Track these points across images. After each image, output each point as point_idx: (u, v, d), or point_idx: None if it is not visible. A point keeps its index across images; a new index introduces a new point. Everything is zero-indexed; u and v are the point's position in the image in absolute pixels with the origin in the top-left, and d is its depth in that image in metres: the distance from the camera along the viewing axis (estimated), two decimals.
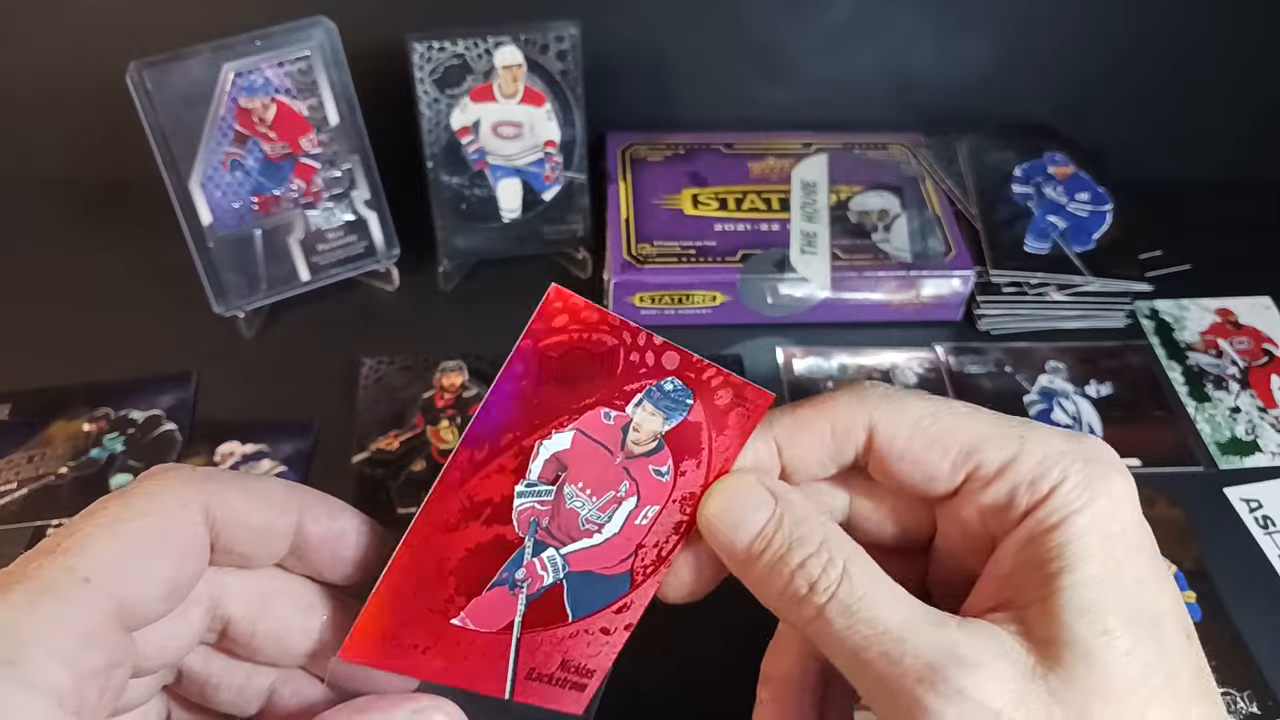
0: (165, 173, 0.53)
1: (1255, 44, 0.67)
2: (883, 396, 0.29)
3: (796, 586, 0.26)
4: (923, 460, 0.28)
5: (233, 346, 0.58)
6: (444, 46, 0.56)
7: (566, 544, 0.30)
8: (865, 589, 0.26)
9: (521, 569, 0.30)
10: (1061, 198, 0.64)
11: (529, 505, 0.29)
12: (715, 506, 0.29)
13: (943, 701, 0.24)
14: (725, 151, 0.66)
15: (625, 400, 0.29)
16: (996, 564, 0.27)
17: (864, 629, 0.25)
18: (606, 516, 0.30)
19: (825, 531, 0.27)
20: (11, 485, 0.50)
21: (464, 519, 0.29)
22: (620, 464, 0.30)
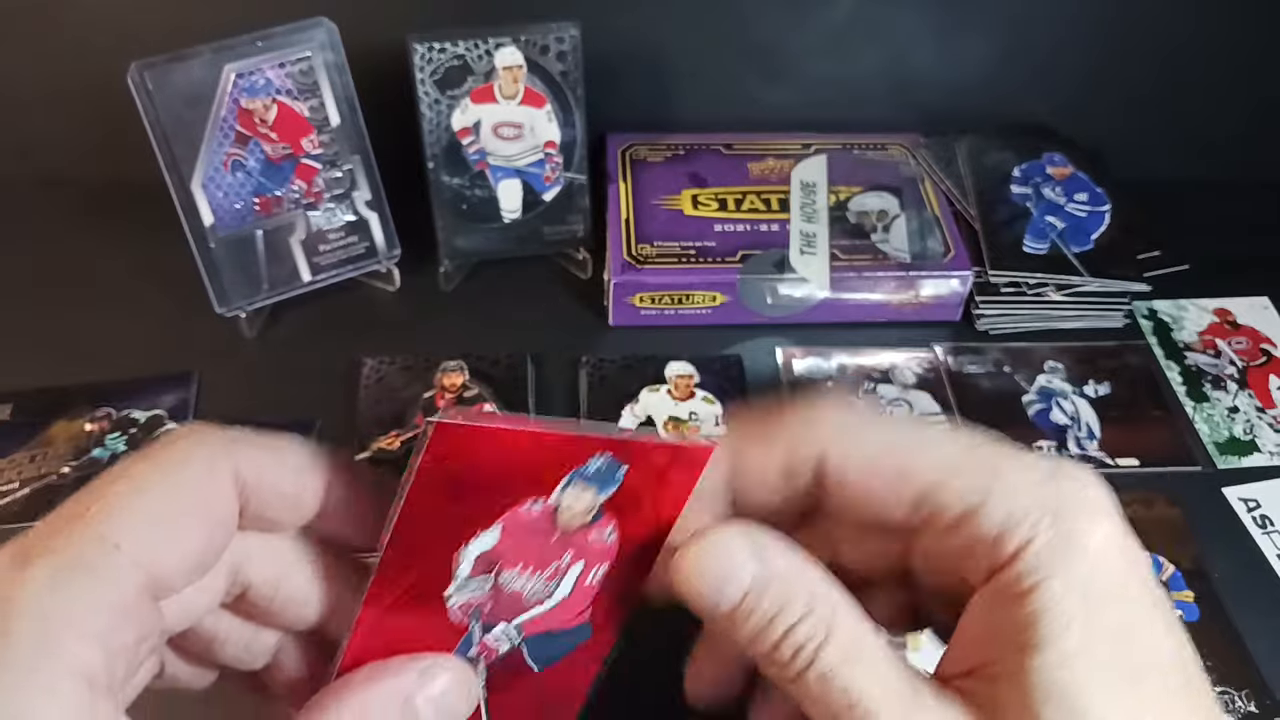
0: (167, 173, 0.53)
1: (1252, 45, 0.67)
2: (836, 425, 0.26)
3: (782, 653, 0.25)
4: (874, 497, 0.26)
5: (234, 346, 0.58)
6: (445, 47, 0.56)
7: (515, 617, 0.30)
8: (845, 655, 0.24)
9: (474, 648, 0.30)
10: (1060, 198, 0.64)
11: (465, 600, 0.29)
12: (692, 568, 0.26)
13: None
14: (725, 152, 0.66)
15: (549, 490, 0.28)
16: (968, 623, 0.25)
17: (840, 698, 0.24)
18: (554, 585, 0.30)
19: (812, 589, 0.25)
20: (13, 485, 0.51)
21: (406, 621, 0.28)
22: (559, 540, 0.29)
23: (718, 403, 0.54)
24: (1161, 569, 0.49)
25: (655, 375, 0.55)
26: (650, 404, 0.54)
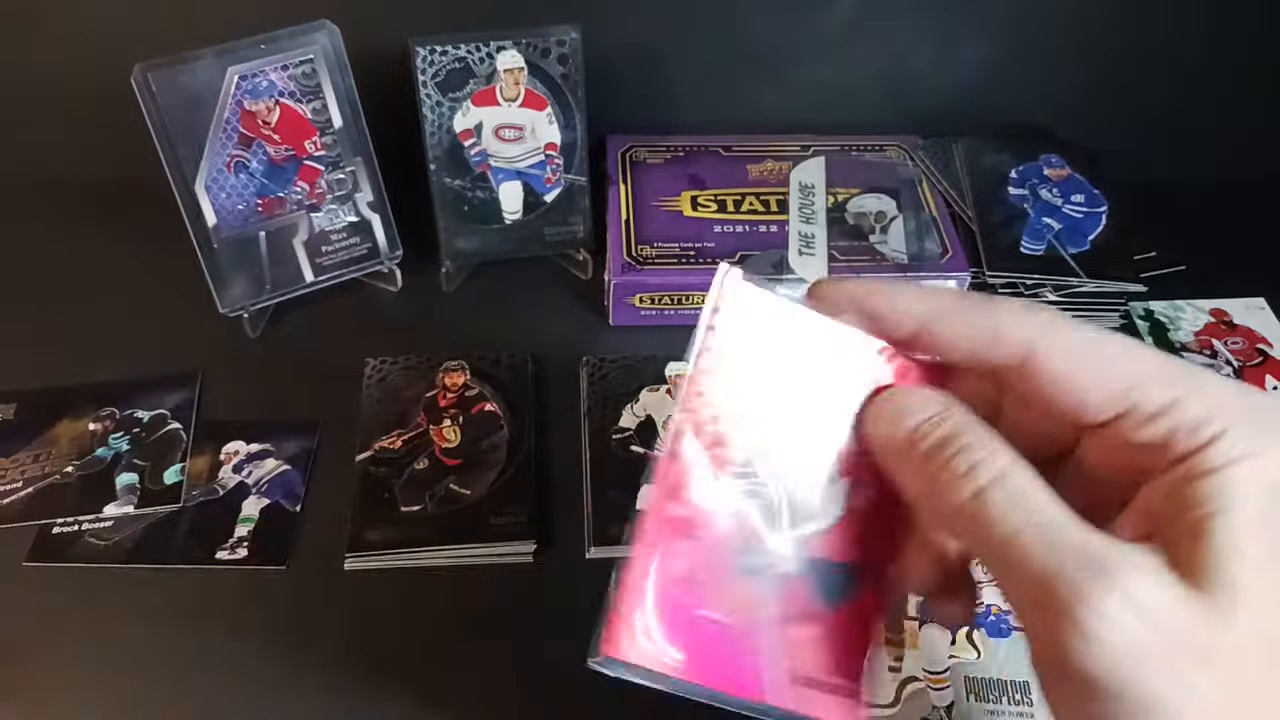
0: (170, 174, 0.54)
1: (1249, 47, 0.67)
2: (1052, 316, 0.29)
3: (956, 467, 0.27)
4: (1077, 388, 0.28)
5: (237, 347, 0.58)
6: (446, 50, 0.56)
7: (795, 528, 0.30)
8: (1030, 479, 0.26)
9: (757, 555, 0.30)
10: (1057, 199, 0.65)
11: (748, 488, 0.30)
12: (886, 400, 0.29)
13: (1102, 591, 0.24)
14: (724, 154, 0.66)
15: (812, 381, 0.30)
16: (1146, 498, 0.27)
17: (1024, 514, 0.25)
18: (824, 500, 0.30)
19: (991, 432, 0.27)
20: (17, 484, 0.51)
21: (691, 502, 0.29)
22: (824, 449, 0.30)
23: None
24: None
25: (655, 375, 0.56)
26: (650, 403, 0.54)
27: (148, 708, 0.43)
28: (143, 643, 0.45)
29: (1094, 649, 0.24)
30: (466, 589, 0.48)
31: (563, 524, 0.50)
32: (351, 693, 0.44)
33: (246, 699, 0.44)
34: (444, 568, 0.48)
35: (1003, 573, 0.26)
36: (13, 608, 0.47)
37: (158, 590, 0.47)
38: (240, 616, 0.46)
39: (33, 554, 0.49)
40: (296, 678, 0.44)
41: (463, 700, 0.44)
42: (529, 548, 0.49)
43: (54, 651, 0.45)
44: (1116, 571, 0.24)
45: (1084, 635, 0.24)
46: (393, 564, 0.48)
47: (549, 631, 0.46)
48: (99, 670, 0.44)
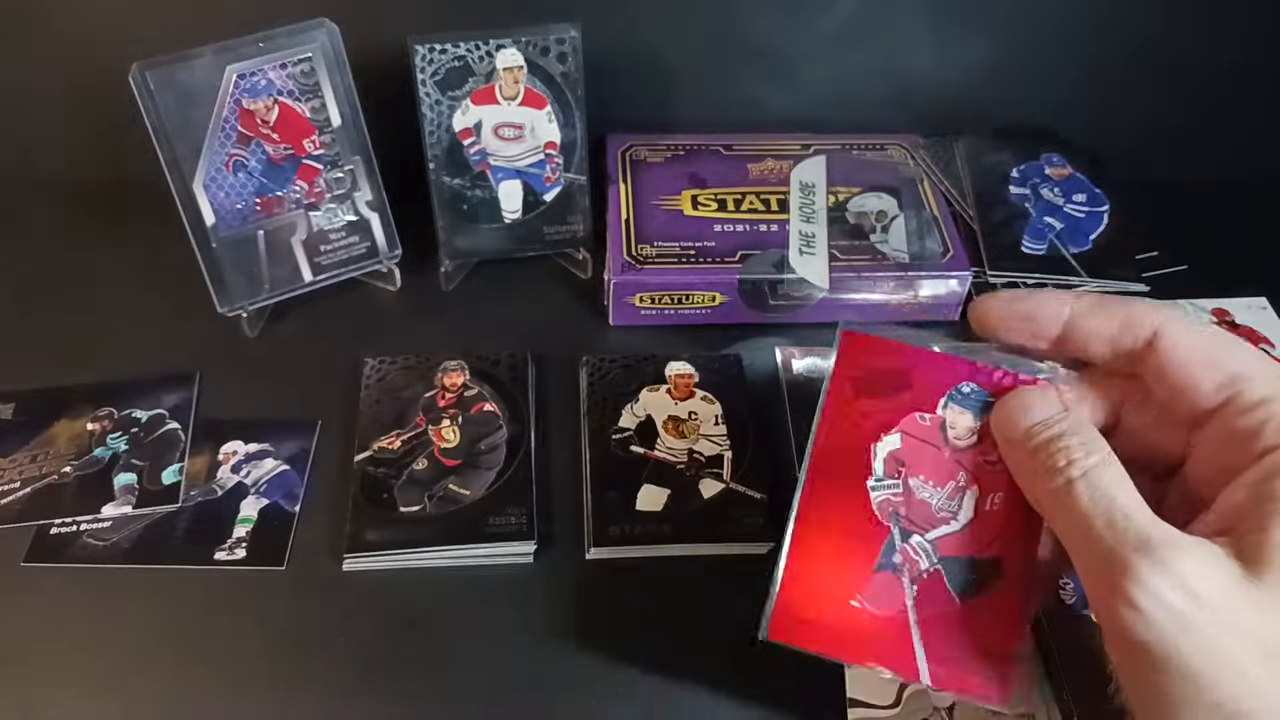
0: (168, 173, 0.53)
1: (1248, 46, 0.67)
2: (1174, 308, 0.33)
3: (1056, 459, 0.31)
4: (1194, 372, 0.32)
5: (235, 346, 0.58)
6: (445, 49, 0.56)
7: (928, 531, 0.35)
8: (1114, 477, 0.30)
9: (896, 554, 0.35)
10: (1058, 199, 0.65)
11: (884, 497, 0.35)
12: (1015, 397, 0.35)
13: (1150, 567, 0.27)
14: (724, 153, 0.66)
15: (933, 405, 0.36)
16: (1229, 494, 0.30)
17: (1101, 502, 0.29)
18: (956, 504, 0.35)
19: (1095, 434, 0.32)
20: (15, 484, 0.51)
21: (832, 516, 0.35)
22: (951, 457, 0.35)
23: (717, 402, 0.54)
24: None
25: (655, 375, 0.56)
26: (650, 403, 0.54)
27: (147, 708, 0.43)
28: (141, 643, 0.45)
29: (1141, 620, 0.27)
30: (466, 589, 0.48)
31: (563, 524, 0.50)
32: (351, 693, 0.44)
33: (246, 699, 0.44)
34: (444, 568, 0.48)
35: (1075, 550, 0.30)
36: (11, 608, 0.47)
37: (156, 591, 0.47)
38: (239, 617, 0.46)
39: (31, 554, 0.48)
40: (296, 678, 0.44)
41: (463, 700, 0.44)
42: (529, 548, 0.49)
43: (52, 652, 0.45)
44: (1169, 553, 0.27)
45: (1133, 607, 0.27)
46: (392, 564, 0.48)
47: (549, 631, 0.46)
48: (98, 671, 0.44)
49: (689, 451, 0.52)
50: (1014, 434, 0.34)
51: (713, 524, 0.49)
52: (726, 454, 0.52)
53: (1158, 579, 0.27)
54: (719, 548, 0.49)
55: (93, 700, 0.43)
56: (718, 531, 0.49)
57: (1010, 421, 0.34)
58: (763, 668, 0.45)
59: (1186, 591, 0.27)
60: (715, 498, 0.50)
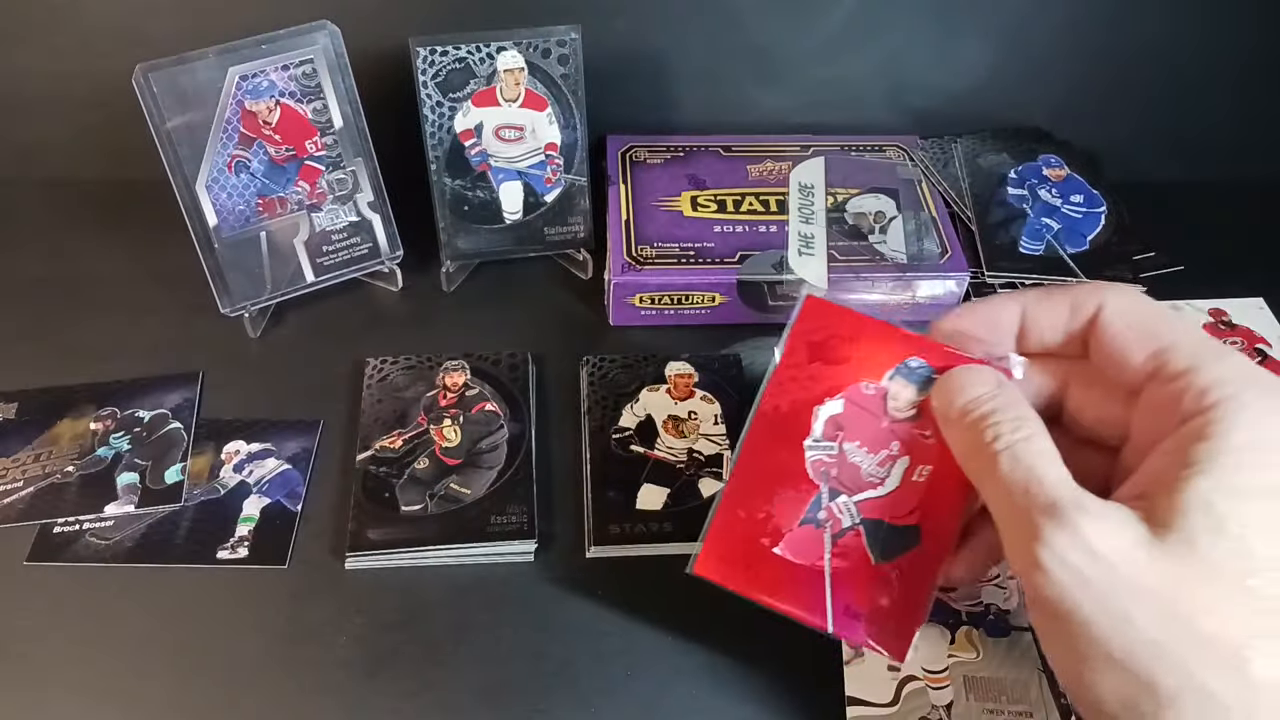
0: (171, 175, 0.54)
1: (1247, 47, 0.67)
2: (1116, 287, 0.35)
3: (986, 434, 0.33)
4: (1129, 343, 0.33)
5: (238, 346, 0.58)
6: (446, 50, 0.56)
7: (855, 493, 0.37)
8: (1038, 449, 0.32)
9: (822, 510, 0.38)
10: (1056, 200, 0.65)
11: (818, 457, 0.38)
12: (954, 375, 0.36)
13: (1054, 529, 0.29)
14: (724, 154, 0.66)
15: (879, 375, 0.37)
16: (1150, 461, 0.31)
17: (1020, 471, 0.31)
18: (885, 471, 0.37)
19: (1026, 410, 0.34)
20: (18, 484, 0.51)
21: (769, 468, 0.38)
22: (888, 427, 0.37)
23: (717, 402, 0.55)
24: None
25: (655, 375, 0.56)
26: (650, 403, 0.54)
27: (148, 707, 0.44)
28: (143, 642, 0.45)
29: (1046, 578, 0.29)
30: (467, 588, 0.48)
31: (563, 524, 0.50)
32: (351, 692, 0.44)
33: (247, 698, 0.44)
34: (445, 567, 0.49)
35: (998, 517, 0.32)
36: (13, 607, 0.47)
37: (158, 590, 0.47)
38: (240, 616, 0.47)
39: (33, 554, 0.49)
40: (297, 678, 0.44)
41: (464, 699, 0.44)
42: (529, 548, 0.49)
43: (54, 651, 0.45)
44: (1074, 515, 0.29)
45: (1039, 566, 0.29)
46: (393, 564, 0.48)
47: (549, 631, 0.46)
48: (99, 670, 0.45)
49: (689, 451, 0.52)
50: (950, 410, 0.35)
51: None
52: (726, 453, 0.52)
53: (1061, 539, 0.29)
54: None
55: (95, 699, 0.44)
56: None
57: (948, 397, 0.36)
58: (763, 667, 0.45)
59: (1087, 551, 0.29)
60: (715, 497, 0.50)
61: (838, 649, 0.46)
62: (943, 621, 0.47)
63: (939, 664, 0.45)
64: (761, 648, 0.46)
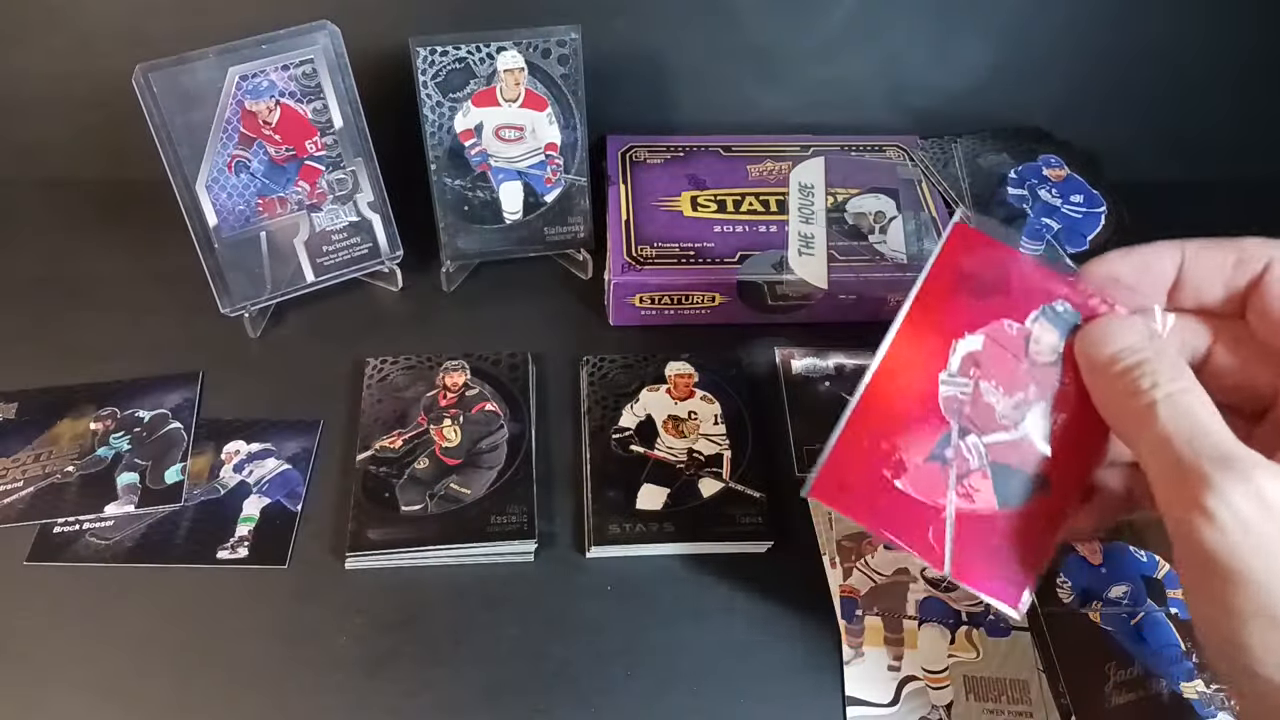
0: (171, 175, 0.54)
1: (1246, 47, 0.67)
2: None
3: (1140, 382, 0.32)
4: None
5: (238, 346, 0.58)
6: (447, 50, 0.56)
7: (985, 433, 0.36)
8: (1197, 400, 0.31)
9: (950, 448, 0.36)
10: (1056, 200, 0.65)
11: (952, 393, 0.36)
12: (1104, 323, 0.35)
13: (1227, 477, 0.28)
14: (724, 154, 0.66)
15: (1024, 315, 0.36)
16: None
17: (1183, 421, 0.30)
18: (1020, 415, 0.36)
19: (1181, 363, 0.32)
20: (18, 484, 0.51)
21: (900, 398, 0.36)
22: (1026, 369, 0.36)
23: (717, 402, 0.55)
24: (1157, 567, 0.49)
25: (655, 375, 0.56)
26: (650, 403, 0.54)
27: (148, 707, 0.44)
28: (143, 642, 0.45)
29: (1213, 529, 0.28)
30: (467, 588, 0.48)
31: (563, 523, 0.50)
32: (352, 693, 0.44)
33: (248, 698, 0.44)
34: (445, 567, 0.49)
35: (1153, 465, 0.31)
36: (13, 607, 0.47)
37: (158, 590, 0.47)
38: (241, 616, 0.47)
39: (33, 554, 0.49)
40: (297, 678, 0.44)
41: (464, 698, 0.44)
42: (529, 548, 0.49)
43: (54, 651, 0.45)
44: (1248, 467, 0.28)
45: (1207, 515, 0.28)
46: (393, 564, 0.48)
47: (549, 631, 0.46)
48: (100, 670, 0.45)
49: (689, 451, 0.52)
50: (1099, 358, 0.34)
51: (712, 523, 0.49)
52: (726, 453, 0.52)
53: (1235, 489, 0.28)
54: (718, 546, 0.49)
55: (95, 699, 0.44)
56: (717, 530, 0.49)
57: (1097, 345, 0.34)
58: (763, 667, 0.45)
59: (1262, 503, 0.28)
60: (715, 497, 0.50)
61: (838, 649, 0.46)
62: (943, 621, 0.47)
63: (939, 664, 0.45)
64: (762, 647, 0.46)
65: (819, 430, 0.55)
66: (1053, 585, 0.48)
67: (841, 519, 0.50)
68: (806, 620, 0.47)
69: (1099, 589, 0.48)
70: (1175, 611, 0.47)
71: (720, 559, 0.49)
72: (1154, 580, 0.49)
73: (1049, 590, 0.48)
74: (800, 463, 0.53)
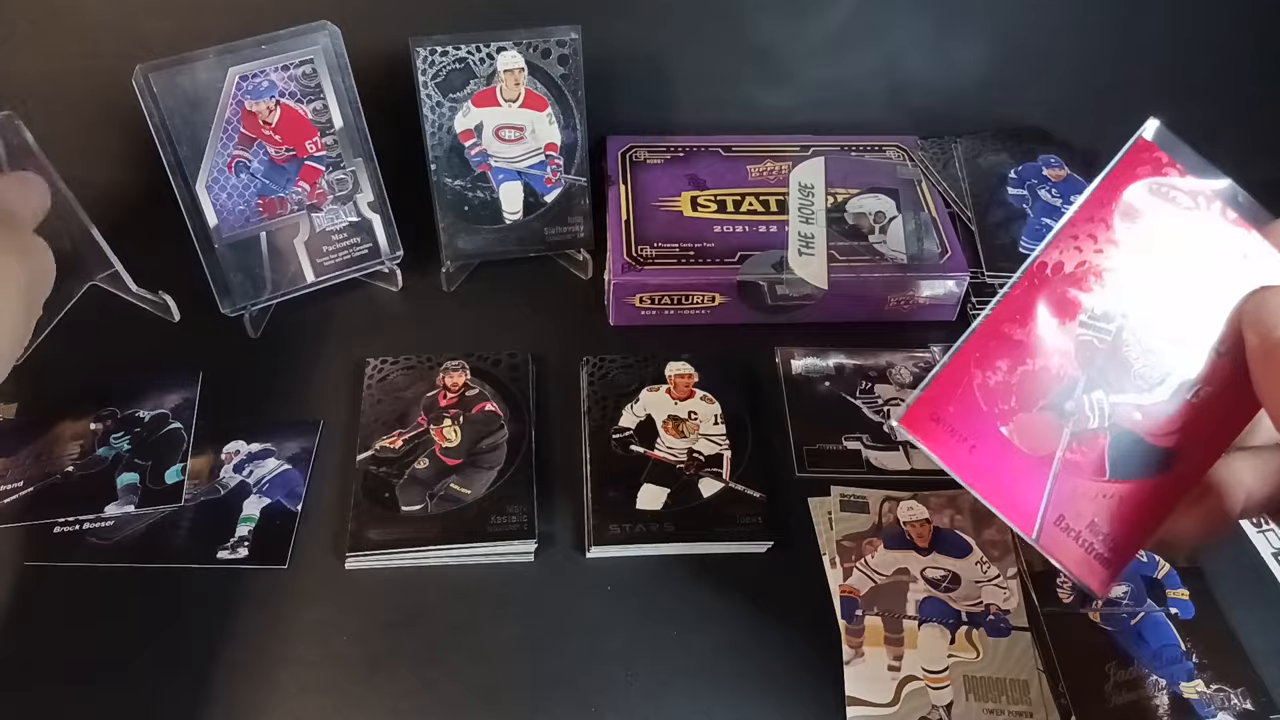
0: (171, 175, 0.54)
1: (1246, 47, 0.67)
2: None
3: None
4: None
5: (238, 346, 0.58)
6: (447, 51, 0.56)
7: (1117, 391, 0.31)
8: None
9: (1072, 400, 0.31)
10: (1056, 200, 0.65)
11: (1089, 338, 0.31)
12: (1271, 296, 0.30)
13: None
14: (724, 154, 0.66)
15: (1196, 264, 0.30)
16: None
17: None
18: (1159, 379, 0.31)
19: None
20: (18, 484, 0.51)
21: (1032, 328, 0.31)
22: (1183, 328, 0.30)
23: (717, 402, 0.55)
24: (1157, 567, 0.49)
25: (655, 375, 0.56)
26: (650, 403, 0.54)
27: (150, 706, 0.44)
28: (143, 642, 0.45)
29: None
30: (468, 588, 0.48)
31: (563, 523, 0.50)
32: (352, 692, 0.44)
33: (247, 698, 0.44)
34: (445, 567, 0.49)
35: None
36: (13, 607, 0.47)
37: (159, 590, 0.47)
38: (241, 616, 0.47)
39: (33, 554, 0.49)
40: (297, 677, 0.44)
41: (464, 698, 0.44)
42: (529, 548, 0.49)
43: (55, 651, 0.45)
44: None
45: None
46: (393, 564, 0.48)
47: (549, 631, 0.46)
48: (100, 670, 0.45)
49: (689, 451, 0.52)
50: (1269, 340, 0.29)
51: (712, 523, 0.49)
52: (726, 453, 0.52)
53: None
54: (718, 546, 0.49)
55: (95, 699, 0.44)
56: (717, 530, 0.49)
57: (1266, 324, 0.29)
58: (763, 667, 0.45)
59: None
60: (715, 497, 0.50)
61: (838, 649, 0.46)
62: (943, 621, 0.47)
63: (939, 664, 0.45)
64: (762, 647, 0.46)
65: (819, 430, 0.55)
66: (1053, 585, 0.48)
67: (842, 519, 0.50)
68: (806, 620, 0.47)
69: None
70: (1175, 611, 0.47)
71: (720, 559, 0.49)
72: (1154, 580, 0.49)
73: (1049, 590, 0.48)
74: (800, 463, 0.53)
